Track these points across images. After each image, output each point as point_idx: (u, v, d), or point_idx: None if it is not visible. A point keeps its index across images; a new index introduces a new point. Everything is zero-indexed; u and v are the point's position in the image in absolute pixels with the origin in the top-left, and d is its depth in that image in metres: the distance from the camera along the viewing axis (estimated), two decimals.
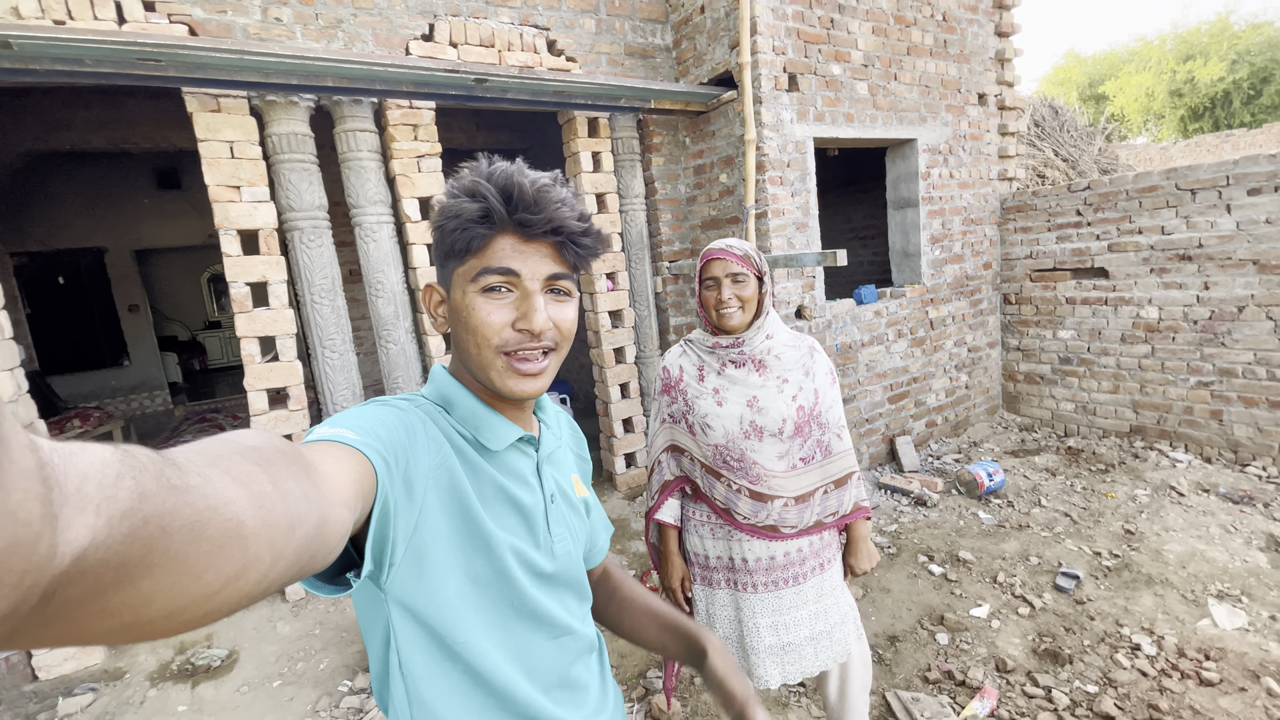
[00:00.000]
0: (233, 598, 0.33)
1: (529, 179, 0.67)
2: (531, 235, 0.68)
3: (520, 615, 0.72)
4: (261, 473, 0.36)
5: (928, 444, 4.39)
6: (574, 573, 0.81)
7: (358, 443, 0.54)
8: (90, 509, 0.25)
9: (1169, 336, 3.87)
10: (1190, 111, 17.45)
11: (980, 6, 4.26)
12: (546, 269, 0.70)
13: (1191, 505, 3.25)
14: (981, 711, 2.06)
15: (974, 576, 2.82)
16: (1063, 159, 7.10)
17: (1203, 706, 2.00)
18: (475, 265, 0.68)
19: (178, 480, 0.29)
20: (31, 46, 2.07)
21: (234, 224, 2.71)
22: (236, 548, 0.31)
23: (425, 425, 0.67)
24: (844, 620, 1.61)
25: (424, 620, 0.66)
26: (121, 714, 2.41)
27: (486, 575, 0.69)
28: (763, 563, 1.54)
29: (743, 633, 1.57)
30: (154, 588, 0.28)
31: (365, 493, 0.51)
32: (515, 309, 0.69)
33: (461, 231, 0.68)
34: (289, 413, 2.90)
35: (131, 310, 7.66)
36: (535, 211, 0.67)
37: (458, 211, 0.68)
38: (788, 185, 3.48)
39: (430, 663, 0.67)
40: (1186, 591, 2.57)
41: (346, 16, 2.91)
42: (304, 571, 0.39)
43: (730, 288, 1.45)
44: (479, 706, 0.69)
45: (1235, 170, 3.47)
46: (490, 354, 0.69)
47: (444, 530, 0.65)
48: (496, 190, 0.67)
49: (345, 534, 0.45)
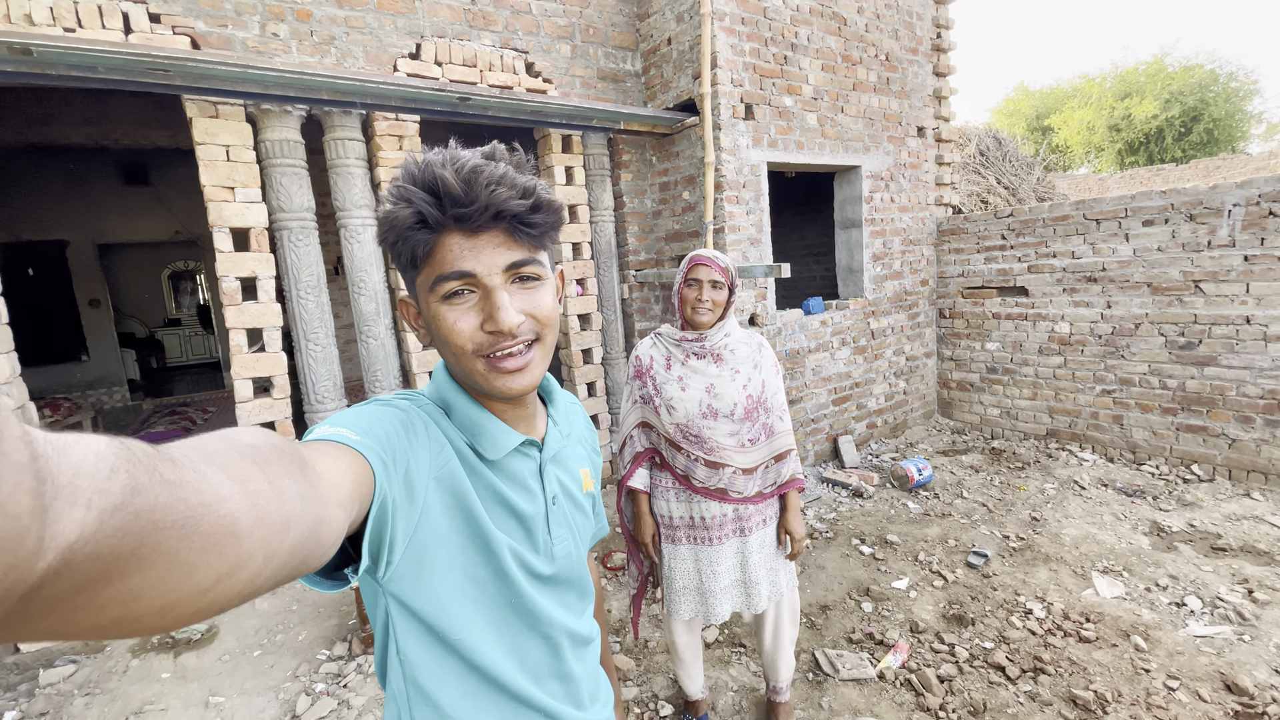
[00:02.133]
0: (224, 595, 0.32)
1: (454, 166, 0.61)
2: (475, 227, 0.63)
3: (518, 614, 0.72)
4: (258, 471, 0.36)
5: (869, 444, 4.77)
6: (575, 571, 0.80)
7: (357, 443, 0.54)
8: (82, 503, 0.24)
9: (1079, 349, 4.34)
10: (1127, 146, 18.60)
11: (920, 49, 4.71)
12: (502, 259, 0.64)
13: (1091, 497, 3.68)
14: (894, 664, 2.38)
15: (899, 556, 3.16)
16: (1004, 186, 7.67)
17: (1079, 658, 2.36)
18: (429, 274, 0.64)
19: (172, 475, 0.29)
20: (50, 54, 2.25)
21: (227, 222, 2.90)
22: (229, 545, 0.31)
23: (427, 426, 0.66)
24: (781, 573, 1.93)
25: (420, 615, 0.66)
26: (105, 682, 2.53)
27: (485, 575, 0.69)
28: (718, 519, 1.83)
29: (700, 580, 1.86)
30: (144, 583, 0.28)
31: (362, 493, 0.51)
32: (480, 311, 0.65)
33: (403, 242, 0.63)
34: (273, 401, 3.08)
35: (92, 305, 7.60)
36: (468, 201, 0.61)
37: (394, 221, 0.63)
38: (743, 204, 3.82)
39: (426, 651, 0.68)
40: (1076, 567, 2.96)
41: (339, 34, 3.14)
42: (297, 572, 0.39)
43: (709, 291, 1.74)
44: (473, 691, 0.70)
45: (1133, 204, 3.96)
46: (469, 360, 0.66)
47: (445, 531, 0.65)
48: (422, 190, 0.62)
49: (340, 534, 0.45)
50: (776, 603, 1.94)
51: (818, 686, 2.31)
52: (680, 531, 1.88)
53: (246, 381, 3.03)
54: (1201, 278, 3.74)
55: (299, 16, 3.04)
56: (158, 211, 7.41)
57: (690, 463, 1.80)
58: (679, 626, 2.01)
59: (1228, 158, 13.47)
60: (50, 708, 2.36)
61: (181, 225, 7.55)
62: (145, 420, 6.26)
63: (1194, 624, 2.50)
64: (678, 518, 1.87)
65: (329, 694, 2.37)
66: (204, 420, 5.81)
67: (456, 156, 0.63)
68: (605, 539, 3.52)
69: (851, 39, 4.25)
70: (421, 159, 0.64)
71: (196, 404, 7.34)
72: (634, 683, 2.38)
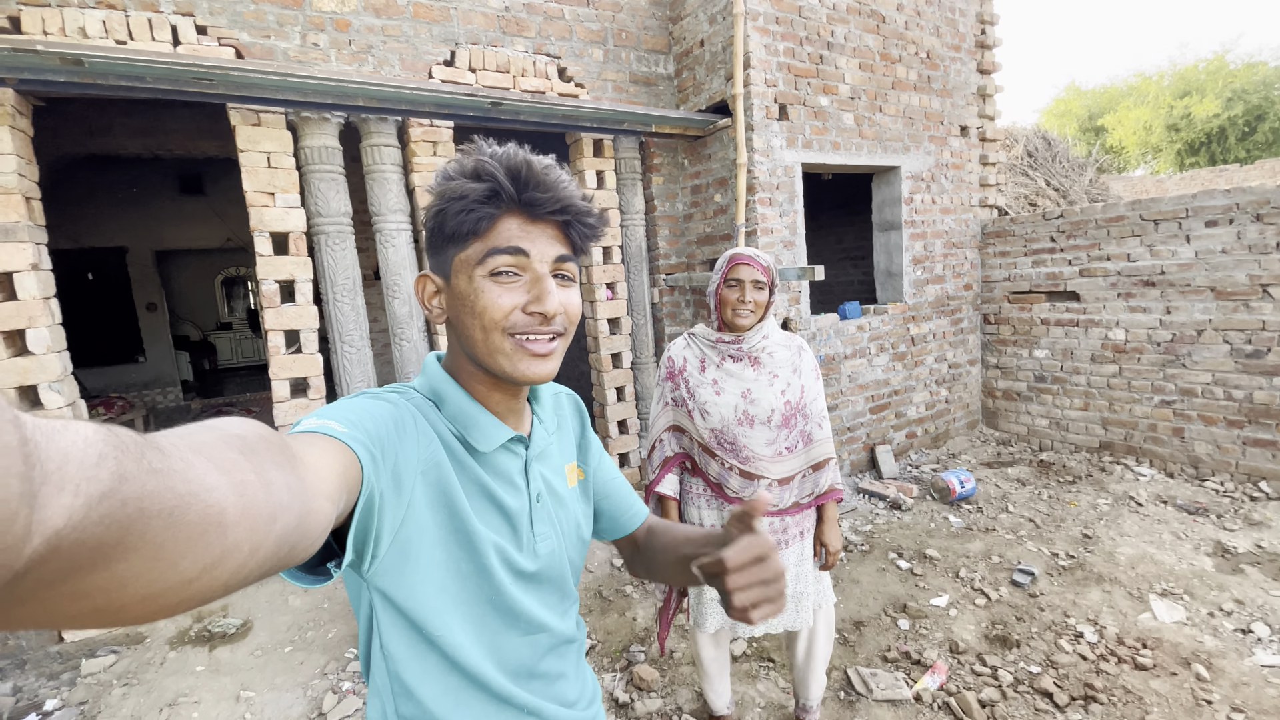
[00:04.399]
0: (209, 586, 0.32)
1: (535, 158, 0.67)
2: (538, 215, 0.67)
3: (496, 611, 0.72)
4: (245, 461, 0.36)
5: (908, 454, 4.60)
6: (558, 570, 0.81)
7: (345, 436, 0.54)
8: (70, 489, 0.24)
9: (1135, 357, 4.10)
10: (1187, 146, 17.80)
11: (963, 46, 4.56)
12: (554, 250, 0.69)
13: (1149, 514, 3.46)
14: (932, 685, 2.26)
15: (938, 571, 3.03)
16: (1054, 188, 7.37)
17: (1134, 687, 2.20)
18: (480, 248, 0.66)
19: (159, 464, 0.29)
20: (100, 64, 2.35)
21: (268, 227, 2.97)
22: (215, 535, 0.31)
23: (415, 419, 0.67)
24: (819, 586, 1.85)
25: (403, 609, 0.67)
26: (142, 673, 2.61)
27: (468, 570, 0.69)
28: None
29: None
30: (129, 571, 0.28)
31: (350, 486, 0.51)
32: (526, 291, 0.67)
33: (467, 213, 0.65)
34: (309, 401, 3.14)
35: (149, 309, 7.96)
36: (543, 190, 0.66)
37: (462, 193, 0.65)
38: (776, 206, 3.75)
39: (408, 646, 0.69)
40: (1133, 589, 2.78)
41: (377, 43, 3.20)
42: (283, 563, 0.39)
43: (751, 291, 1.67)
44: (454, 687, 0.71)
45: (1194, 204, 3.73)
46: (499, 337, 0.67)
47: (430, 525, 0.65)
48: (504, 169, 0.65)
49: (327, 527, 0.45)
50: (812, 617, 1.86)
51: (850, 706, 2.21)
52: None
53: (284, 382, 3.09)
54: (1270, 281, 3.49)
55: (338, 26, 3.11)
56: (211, 219, 7.73)
57: (724, 470, 1.74)
58: (705, 639, 1.94)
59: None
60: (89, 697, 2.43)
61: (233, 233, 7.86)
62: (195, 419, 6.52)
63: (1261, 653, 2.31)
64: (709, 526, 1.82)
65: (354, 693, 2.38)
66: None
67: (527, 153, 0.67)
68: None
69: (890, 36, 4.13)
70: (494, 146, 0.68)
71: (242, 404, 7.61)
72: (658, 694, 2.32)
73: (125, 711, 2.34)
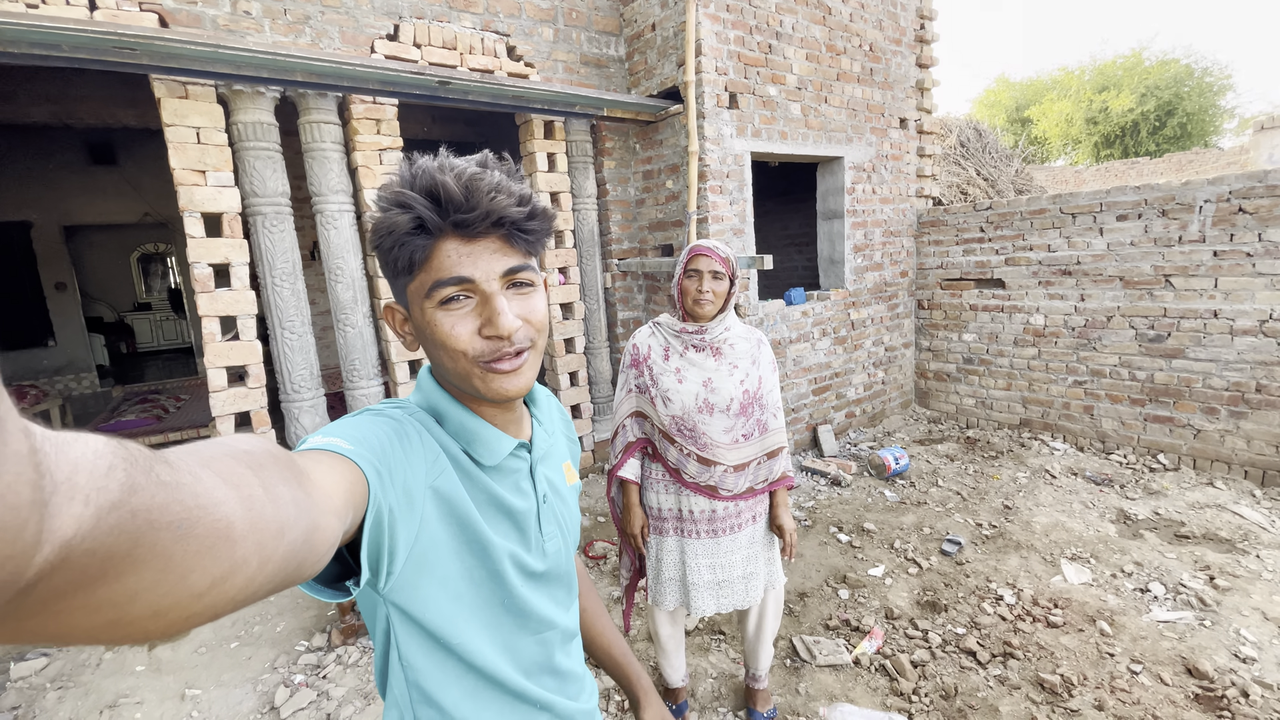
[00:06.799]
0: (219, 600, 0.32)
1: (453, 173, 0.62)
2: (474, 234, 0.64)
3: (509, 612, 0.74)
4: (253, 476, 0.36)
5: (847, 433, 4.83)
6: (563, 567, 0.83)
7: (350, 453, 0.54)
8: (80, 499, 0.24)
9: (1052, 341, 4.42)
10: (1103, 138, 18.84)
11: (903, 40, 4.71)
12: (500, 265, 0.66)
13: (1061, 486, 3.78)
14: (870, 649, 2.43)
15: (875, 543, 3.22)
16: (984, 178, 7.75)
17: (1047, 643, 2.43)
18: (425, 280, 0.65)
19: (168, 477, 0.29)
20: (11, 31, 2.16)
21: (199, 207, 2.82)
22: (224, 549, 0.31)
23: (421, 435, 0.67)
24: (770, 568, 1.95)
25: (420, 621, 0.67)
26: (78, 675, 2.49)
27: (481, 576, 0.70)
28: (705, 514, 1.84)
29: (685, 572, 1.87)
30: (139, 585, 0.28)
31: (356, 503, 0.51)
32: (478, 315, 0.66)
33: (400, 248, 0.63)
34: (248, 390, 3.02)
35: (58, 288, 7.36)
36: (469, 208, 0.62)
37: (390, 227, 0.63)
38: (727, 194, 3.82)
39: (427, 655, 0.69)
40: (1046, 555, 3.04)
41: (314, 13, 3.05)
42: (291, 579, 0.39)
43: (710, 282, 1.73)
44: (472, 690, 0.72)
45: (1108, 199, 4.02)
46: (466, 365, 0.67)
47: (443, 538, 0.66)
48: (423, 195, 0.62)
49: (334, 543, 0.45)
50: (762, 595, 1.96)
51: (795, 672, 2.35)
52: (668, 523, 1.89)
53: (220, 370, 2.97)
54: (1172, 272, 3.83)
55: None
56: (126, 193, 7.17)
57: (682, 457, 1.80)
58: (663, 616, 2.03)
59: (1200, 152, 13.72)
60: (22, 701, 2.32)
61: (151, 207, 7.32)
62: (115, 408, 6.10)
63: (1157, 609, 2.58)
64: (666, 510, 1.88)
65: (308, 685, 2.36)
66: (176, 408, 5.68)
67: (453, 164, 0.64)
68: (586, 528, 3.53)
69: (836, 28, 4.23)
70: (416, 166, 0.64)
71: (169, 391, 7.17)
72: None
73: (63, 715, 2.24)
